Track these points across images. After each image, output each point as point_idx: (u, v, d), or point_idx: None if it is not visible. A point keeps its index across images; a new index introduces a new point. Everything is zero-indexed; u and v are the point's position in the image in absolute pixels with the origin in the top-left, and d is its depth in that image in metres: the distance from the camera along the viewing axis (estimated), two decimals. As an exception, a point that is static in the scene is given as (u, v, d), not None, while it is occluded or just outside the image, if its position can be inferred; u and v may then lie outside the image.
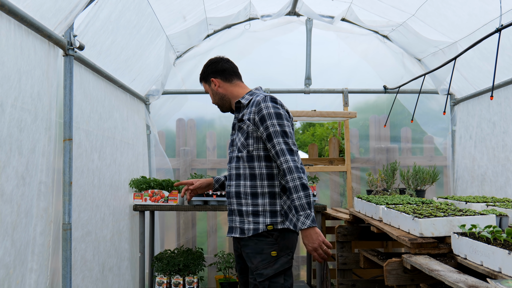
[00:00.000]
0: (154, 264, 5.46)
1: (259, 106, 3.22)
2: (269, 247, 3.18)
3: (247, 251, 3.25)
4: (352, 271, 4.84)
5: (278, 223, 3.20)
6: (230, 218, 3.40)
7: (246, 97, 3.40)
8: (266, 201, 3.22)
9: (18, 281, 2.92)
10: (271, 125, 3.17)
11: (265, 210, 3.21)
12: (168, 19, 5.00)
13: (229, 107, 3.53)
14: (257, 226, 3.21)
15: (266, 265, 3.16)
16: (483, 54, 4.81)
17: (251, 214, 3.24)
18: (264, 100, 3.23)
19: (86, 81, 4.01)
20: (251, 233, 3.22)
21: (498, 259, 2.46)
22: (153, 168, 6.21)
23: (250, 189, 3.25)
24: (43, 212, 3.21)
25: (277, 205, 3.23)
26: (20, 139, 2.93)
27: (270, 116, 3.19)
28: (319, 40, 6.35)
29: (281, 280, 3.18)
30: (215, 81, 3.52)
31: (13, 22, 2.81)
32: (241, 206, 3.28)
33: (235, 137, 3.39)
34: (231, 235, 3.38)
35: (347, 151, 6.02)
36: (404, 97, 6.39)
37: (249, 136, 3.27)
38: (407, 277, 3.05)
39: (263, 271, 3.16)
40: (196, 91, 6.39)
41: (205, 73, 3.59)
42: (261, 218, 3.22)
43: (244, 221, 3.26)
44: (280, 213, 3.22)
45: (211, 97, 3.58)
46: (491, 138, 5.17)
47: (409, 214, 3.36)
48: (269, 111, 3.20)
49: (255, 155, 3.25)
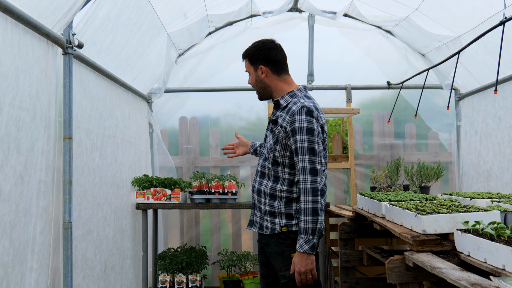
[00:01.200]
0: (157, 262, 5.44)
1: (293, 117, 3.14)
2: (289, 249, 3.22)
3: (269, 250, 3.33)
4: (355, 268, 4.81)
5: (293, 225, 3.22)
6: (252, 212, 3.45)
7: (286, 98, 3.31)
8: (282, 204, 3.24)
9: (17, 280, 2.90)
10: (300, 140, 3.11)
11: (280, 212, 3.24)
12: (168, 16, 4.98)
13: (267, 98, 3.44)
14: (273, 226, 3.26)
15: (287, 267, 3.21)
16: (487, 48, 4.76)
17: (268, 214, 3.29)
18: (300, 113, 3.13)
19: (86, 80, 3.98)
20: (268, 231, 3.28)
21: (502, 256, 2.42)
22: (156, 167, 6.20)
23: (269, 190, 3.28)
24: (43, 211, 3.20)
25: (292, 209, 3.23)
26: (18, 138, 2.91)
27: (301, 131, 3.11)
28: (322, 36, 6.30)
29: None
30: (263, 69, 3.35)
31: (9, 21, 2.80)
32: (261, 204, 3.34)
33: (268, 134, 3.39)
34: (251, 228, 3.44)
35: (350, 148, 5.98)
36: (408, 93, 6.34)
37: (278, 142, 3.24)
38: (410, 275, 3.01)
39: (285, 273, 3.22)
40: (198, 89, 6.37)
41: (255, 56, 3.38)
42: (277, 219, 3.25)
43: (264, 219, 3.33)
44: (295, 217, 3.23)
45: (251, 78, 3.43)
46: (496, 133, 5.11)
47: (411, 210, 3.32)
48: (301, 125, 3.12)
49: (279, 162, 3.25)
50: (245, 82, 6.13)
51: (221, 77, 6.46)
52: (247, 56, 3.42)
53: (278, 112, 3.33)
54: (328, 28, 6.31)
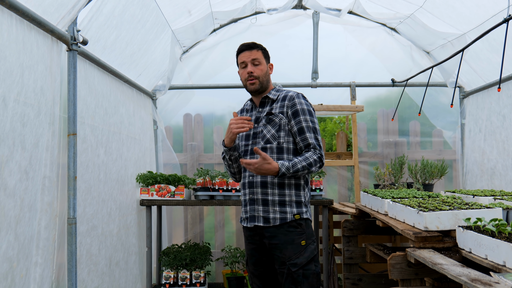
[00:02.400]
0: (162, 258, 5.47)
1: (293, 101, 3.46)
2: (299, 237, 3.36)
3: (275, 241, 3.38)
4: (358, 265, 4.82)
5: (303, 213, 3.41)
6: (251, 208, 3.48)
7: (273, 93, 3.58)
8: (293, 192, 3.41)
9: (22, 274, 2.92)
10: (304, 120, 3.42)
11: (291, 201, 3.40)
12: (173, 13, 4.99)
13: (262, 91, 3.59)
14: (284, 216, 3.37)
15: (298, 254, 3.33)
16: (492, 46, 4.75)
17: (277, 204, 3.39)
18: (298, 97, 3.48)
19: (91, 76, 4.00)
20: (277, 222, 3.37)
21: (502, 252, 2.43)
22: (160, 163, 6.22)
23: (277, 179, 3.40)
24: (48, 207, 3.22)
25: (301, 196, 3.44)
26: (23, 133, 2.93)
27: (304, 112, 3.44)
28: (326, 33, 6.30)
29: (312, 267, 3.36)
30: (272, 67, 3.66)
31: (14, 17, 2.82)
32: (267, 195, 3.41)
33: (261, 129, 3.49)
34: (254, 223, 3.47)
35: (354, 145, 5.98)
36: (413, 91, 6.34)
37: (281, 129, 3.45)
38: (411, 271, 3.02)
39: (296, 261, 3.32)
40: (203, 86, 6.38)
41: (267, 53, 3.66)
42: (288, 208, 3.39)
43: (269, 211, 3.40)
44: (304, 204, 3.44)
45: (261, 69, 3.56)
46: (501, 131, 5.11)
47: (414, 207, 3.33)
48: (302, 107, 3.45)
49: (284, 147, 3.44)
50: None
51: (226, 74, 6.47)
52: (261, 49, 3.61)
53: (266, 107, 3.56)
54: (333, 26, 6.31)
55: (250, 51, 3.55)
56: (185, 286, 5.31)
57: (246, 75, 3.53)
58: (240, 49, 3.59)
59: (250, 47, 3.56)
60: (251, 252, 3.55)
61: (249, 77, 3.52)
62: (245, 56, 3.54)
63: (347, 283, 4.66)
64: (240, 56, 3.58)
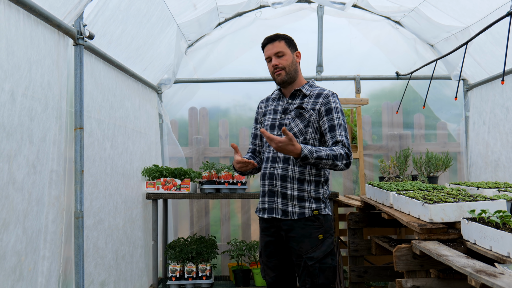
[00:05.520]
0: (168, 252, 5.50)
1: (327, 99, 3.49)
2: (317, 231, 3.39)
3: (293, 234, 3.41)
4: (364, 257, 4.85)
5: (322, 209, 3.43)
6: (270, 199, 3.49)
7: (306, 88, 3.59)
8: (312, 188, 3.44)
9: (30, 268, 2.96)
10: (337, 117, 3.44)
11: (310, 196, 3.42)
12: (178, 7, 5.01)
13: (291, 82, 3.58)
14: (303, 211, 3.40)
15: (315, 248, 3.37)
16: (496, 39, 4.75)
17: (296, 199, 3.42)
18: (333, 95, 3.52)
19: (97, 70, 4.03)
20: (295, 216, 3.40)
21: (507, 244, 2.45)
22: (166, 157, 6.24)
23: (298, 175, 3.43)
24: (55, 200, 3.25)
25: (320, 193, 3.46)
26: (31, 128, 2.96)
27: (337, 111, 3.47)
28: (331, 26, 6.30)
29: (329, 261, 3.40)
30: (299, 54, 3.63)
31: (22, 12, 2.84)
32: (286, 189, 3.43)
33: (289, 121, 3.50)
34: (272, 215, 3.48)
35: (359, 138, 6.00)
36: (417, 83, 6.35)
37: (309, 125, 3.46)
38: (417, 263, 3.04)
39: (313, 255, 3.36)
40: (208, 79, 6.39)
41: (292, 41, 3.61)
42: (307, 204, 3.41)
43: (288, 204, 3.42)
44: (322, 201, 3.45)
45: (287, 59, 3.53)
46: (504, 124, 5.12)
47: (419, 200, 3.35)
48: (336, 106, 3.48)
49: (310, 144, 3.44)
50: (254, 73, 6.27)
51: (231, 68, 6.48)
52: (284, 39, 3.57)
53: (296, 100, 3.55)
54: (337, 19, 6.31)
55: (272, 44, 3.54)
56: (191, 279, 5.34)
57: (272, 69, 3.55)
58: (263, 44, 3.60)
59: (272, 39, 3.55)
60: (266, 243, 3.57)
61: (274, 69, 3.53)
62: (268, 50, 3.55)
63: (353, 275, 4.68)
64: (265, 50, 3.59)
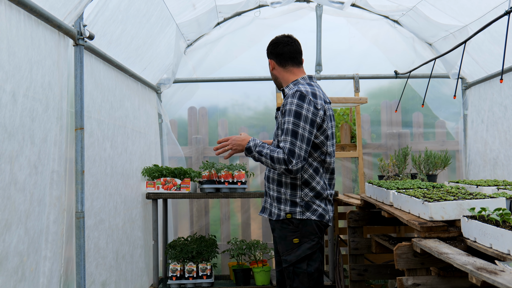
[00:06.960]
0: (168, 251, 5.51)
1: (286, 100, 3.37)
2: (291, 234, 3.39)
3: (275, 234, 3.52)
4: (364, 256, 4.86)
5: (297, 213, 3.39)
6: (264, 199, 3.63)
7: (290, 86, 3.53)
8: (288, 191, 3.42)
9: (32, 268, 2.97)
10: (287, 122, 3.29)
11: (286, 199, 3.42)
12: (177, 7, 5.01)
13: (280, 87, 3.67)
14: (279, 212, 3.43)
15: (289, 251, 3.38)
16: (494, 38, 4.77)
17: (276, 200, 3.47)
18: (292, 96, 3.34)
19: (97, 71, 4.03)
20: (275, 217, 3.45)
21: (507, 241, 2.46)
22: (166, 157, 6.25)
23: (276, 176, 3.46)
24: (56, 201, 3.26)
25: (297, 196, 3.41)
26: (32, 128, 2.97)
27: (290, 113, 3.29)
28: (329, 26, 6.31)
29: (304, 266, 3.36)
30: (271, 62, 3.65)
31: (22, 13, 2.85)
32: (270, 190, 3.52)
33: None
34: (262, 214, 3.61)
35: (358, 137, 6.01)
36: (416, 82, 6.36)
37: (279, 127, 3.45)
38: (417, 261, 3.06)
39: (287, 257, 3.38)
40: (207, 79, 6.40)
41: (267, 51, 3.69)
42: (282, 206, 3.42)
43: (273, 205, 3.49)
44: (299, 204, 3.40)
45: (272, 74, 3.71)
46: (502, 122, 5.14)
47: (419, 198, 3.36)
48: (290, 108, 3.31)
49: None
50: (253, 72, 6.28)
51: (230, 67, 6.50)
52: (267, 51, 3.69)
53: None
54: (336, 18, 6.32)
55: None
56: (191, 279, 5.35)
57: None
58: None
59: None
60: (274, 239, 3.66)
61: None
62: None
63: (353, 274, 4.70)
64: None
